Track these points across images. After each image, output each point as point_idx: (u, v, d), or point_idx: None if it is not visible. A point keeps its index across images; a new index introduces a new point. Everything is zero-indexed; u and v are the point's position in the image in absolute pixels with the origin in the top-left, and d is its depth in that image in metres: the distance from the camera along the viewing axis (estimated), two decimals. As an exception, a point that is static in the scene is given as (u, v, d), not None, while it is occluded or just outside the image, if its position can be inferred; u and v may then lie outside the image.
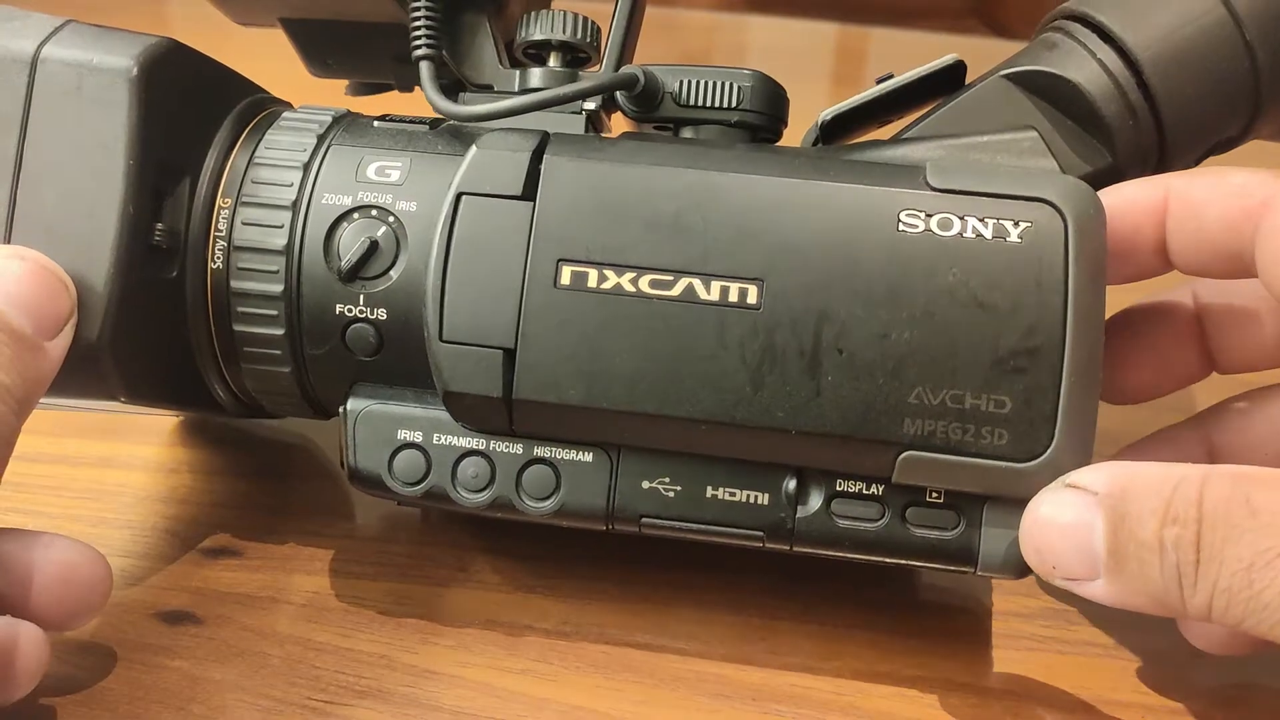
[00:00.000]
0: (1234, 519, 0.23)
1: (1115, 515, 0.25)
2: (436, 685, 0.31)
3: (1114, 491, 0.25)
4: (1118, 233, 0.28)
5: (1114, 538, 0.25)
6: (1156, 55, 0.29)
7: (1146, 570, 0.25)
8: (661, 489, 0.29)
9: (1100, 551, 0.25)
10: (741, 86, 0.31)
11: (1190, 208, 0.28)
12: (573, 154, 0.29)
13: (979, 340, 0.27)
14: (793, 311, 0.27)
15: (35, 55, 0.29)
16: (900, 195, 0.28)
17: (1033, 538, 0.26)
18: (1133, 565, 0.25)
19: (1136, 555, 0.25)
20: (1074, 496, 0.26)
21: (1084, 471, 0.26)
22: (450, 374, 0.29)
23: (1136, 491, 0.25)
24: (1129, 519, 0.25)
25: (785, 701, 0.31)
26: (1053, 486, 0.26)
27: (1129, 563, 0.25)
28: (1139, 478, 0.25)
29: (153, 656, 0.31)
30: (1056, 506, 0.26)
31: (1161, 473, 0.25)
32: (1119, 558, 0.25)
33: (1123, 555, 0.25)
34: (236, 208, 0.31)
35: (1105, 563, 0.25)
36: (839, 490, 0.29)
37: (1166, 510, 0.24)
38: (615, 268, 0.28)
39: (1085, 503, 0.25)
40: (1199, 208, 0.28)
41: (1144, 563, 0.24)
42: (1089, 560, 0.25)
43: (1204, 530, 0.24)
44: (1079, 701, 0.31)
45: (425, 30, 0.31)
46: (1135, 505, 0.25)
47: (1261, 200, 0.27)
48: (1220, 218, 0.28)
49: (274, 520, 0.36)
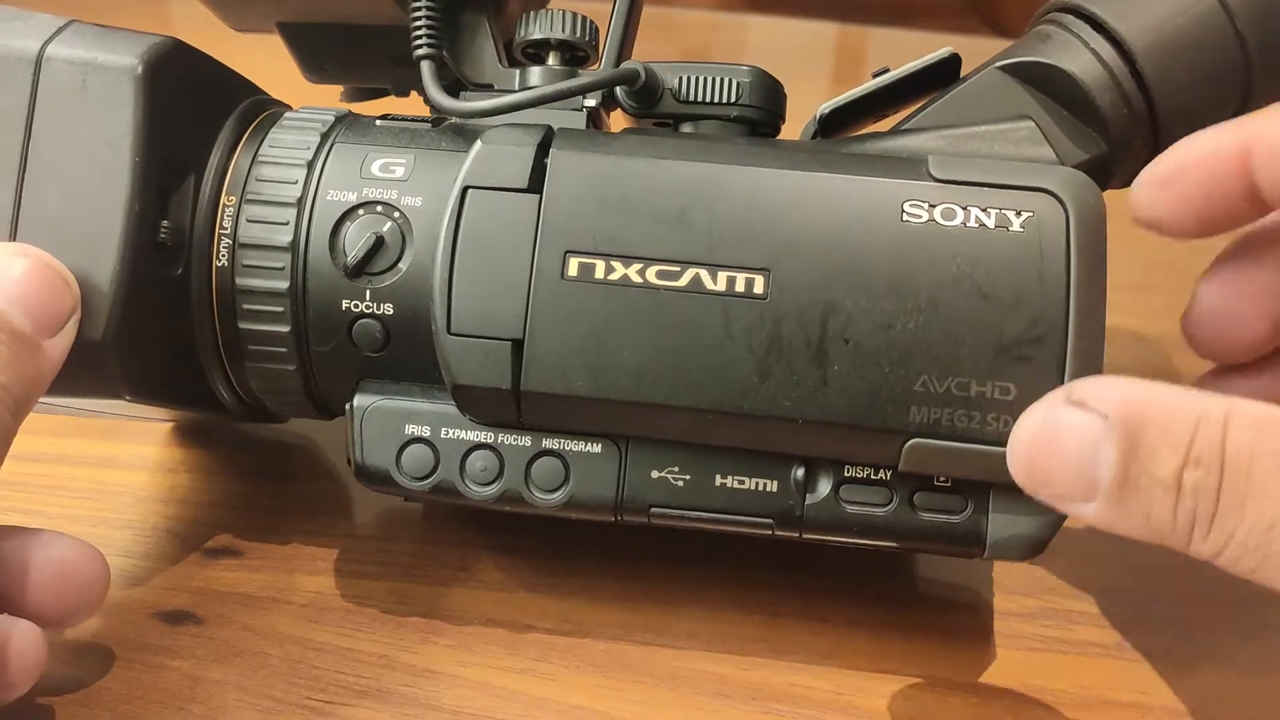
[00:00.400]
0: (1257, 474, 0.22)
1: (1129, 443, 0.23)
2: (436, 685, 0.31)
3: (1128, 417, 0.23)
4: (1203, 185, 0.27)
5: (1125, 468, 0.23)
6: (1149, 45, 0.30)
7: (1156, 508, 0.23)
8: (670, 478, 0.29)
9: (1105, 478, 0.23)
10: (740, 82, 0.31)
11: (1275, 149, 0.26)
12: (578, 147, 0.29)
13: (983, 328, 0.27)
14: (799, 302, 0.27)
15: (40, 54, 0.29)
16: (904, 186, 0.28)
17: (1027, 453, 0.25)
18: (1140, 499, 0.23)
19: (1148, 491, 0.23)
20: (1079, 415, 0.24)
21: (1091, 385, 0.24)
22: (458, 367, 0.29)
23: (1154, 421, 0.23)
24: (1144, 451, 0.23)
25: (785, 701, 0.31)
26: (1055, 398, 0.24)
27: (1137, 496, 0.23)
28: (1156, 405, 0.23)
29: (153, 656, 0.31)
30: (1061, 423, 0.24)
31: (1179, 402, 0.23)
32: (1127, 489, 0.23)
33: (1132, 487, 0.23)
34: (241, 205, 0.31)
35: (1108, 490, 0.23)
36: (847, 476, 0.29)
37: (1189, 450, 0.23)
38: (622, 259, 0.28)
39: (1093, 424, 0.23)
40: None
41: (1155, 500, 0.23)
42: (1087, 484, 0.24)
43: (1226, 479, 0.22)
44: (1079, 701, 0.31)
45: (426, 30, 0.31)
46: (1152, 437, 0.23)
47: None
48: None
49: (274, 520, 0.36)
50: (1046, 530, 0.28)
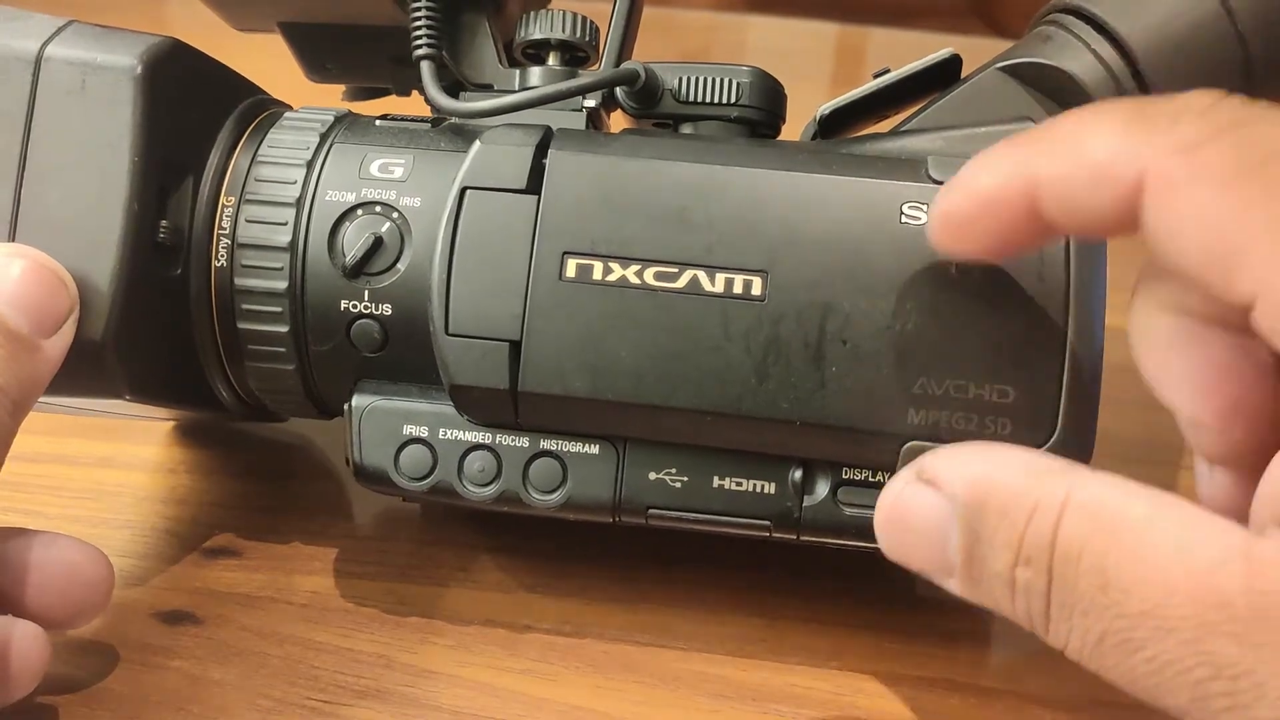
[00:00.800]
0: (1083, 588, 0.20)
1: (970, 531, 0.22)
2: (436, 685, 0.31)
3: (970, 502, 0.22)
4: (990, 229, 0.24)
5: (968, 556, 0.22)
6: (1150, 46, 0.30)
7: (999, 600, 0.22)
8: (668, 480, 0.29)
9: (955, 560, 0.23)
10: (740, 82, 0.31)
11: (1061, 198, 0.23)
12: (577, 148, 0.29)
13: (982, 331, 0.27)
14: (797, 303, 0.27)
15: (39, 55, 0.29)
16: (903, 188, 0.28)
17: (886, 531, 0.24)
18: (986, 589, 0.22)
19: (989, 582, 0.22)
20: (928, 495, 0.23)
21: (940, 462, 0.23)
22: (456, 367, 0.29)
23: (993, 507, 0.22)
24: (983, 541, 0.22)
25: (785, 701, 0.31)
26: (907, 475, 0.24)
27: (982, 584, 0.22)
28: (997, 489, 0.22)
29: (153, 656, 0.31)
30: (911, 502, 0.23)
31: (1020, 487, 0.22)
32: (973, 576, 0.23)
33: (976, 576, 0.22)
34: (240, 205, 0.31)
35: (959, 573, 0.23)
36: (845, 478, 0.29)
37: (1020, 546, 0.21)
38: (620, 260, 0.28)
39: (940, 506, 0.23)
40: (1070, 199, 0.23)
41: (996, 592, 0.22)
42: (943, 561, 0.23)
43: (1054, 585, 0.21)
44: (1079, 701, 0.31)
45: (425, 31, 0.31)
46: (989, 526, 0.22)
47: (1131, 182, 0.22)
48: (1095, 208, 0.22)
49: (274, 520, 0.36)
50: None
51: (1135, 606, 0.20)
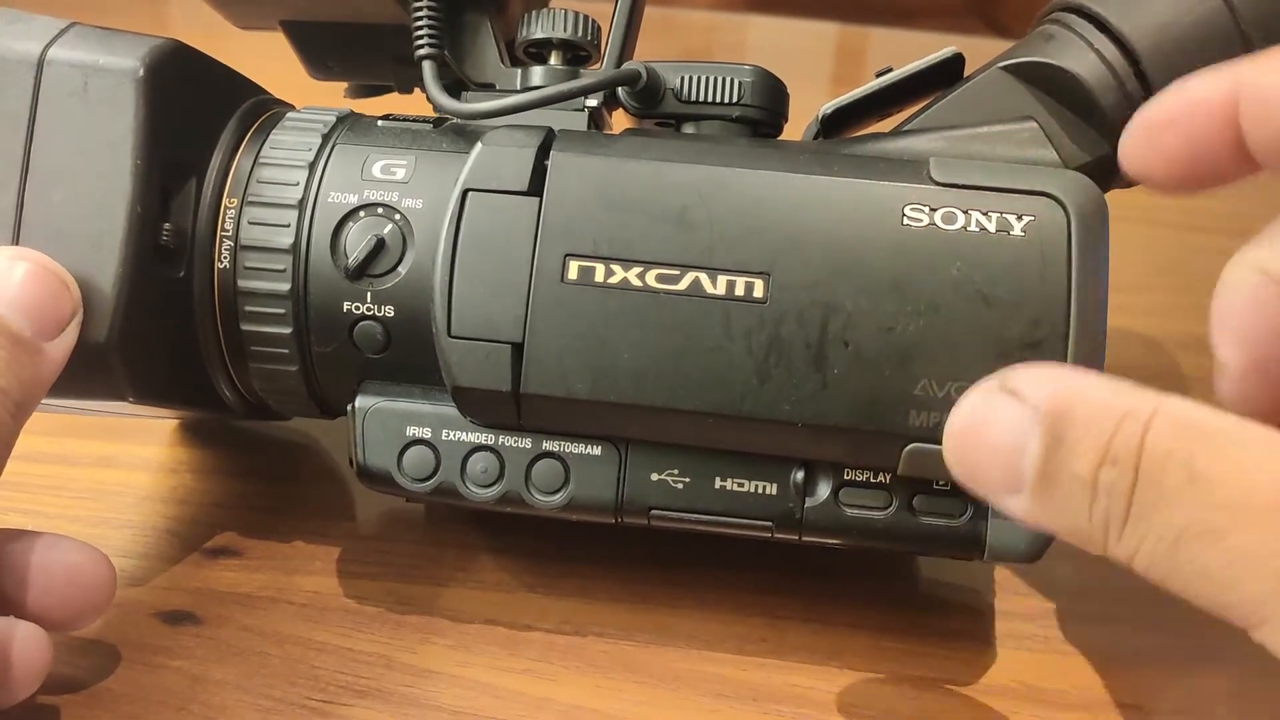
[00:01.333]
0: (1169, 481, 0.21)
1: (1052, 437, 0.22)
2: (436, 685, 0.31)
3: (1054, 410, 0.22)
4: (1188, 135, 0.25)
5: (1047, 462, 0.22)
6: (1153, 45, 0.29)
7: (1074, 504, 0.22)
8: (670, 481, 0.29)
9: (1028, 471, 0.22)
10: (742, 82, 0.31)
11: (1263, 101, 0.24)
12: (579, 149, 0.29)
13: (984, 333, 0.27)
14: (798, 305, 0.27)
15: (41, 57, 0.29)
16: (904, 190, 0.28)
17: (959, 443, 0.24)
18: (1061, 495, 0.22)
19: (1067, 487, 0.22)
20: (1011, 405, 0.23)
21: (1026, 374, 0.23)
22: (459, 369, 0.29)
23: (1079, 416, 0.22)
24: (1066, 445, 0.22)
25: (785, 701, 0.31)
26: (988, 386, 0.23)
27: (1057, 491, 0.22)
28: (1084, 398, 0.22)
29: (153, 656, 0.31)
30: (991, 412, 0.23)
31: (1109, 397, 0.22)
32: (1048, 483, 0.22)
33: (1052, 482, 0.22)
34: (243, 207, 0.31)
35: (1031, 484, 0.23)
36: (847, 479, 0.29)
37: (1107, 447, 0.22)
38: (622, 262, 0.28)
39: (1022, 415, 0.23)
40: (1273, 103, 0.24)
41: (1073, 497, 0.22)
42: (1013, 475, 0.23)
43: (1139, 483, 0.21)
44: (1079, 701, 0.31)
45: (427, 30, 0.31)
46: (1075, 432, 0.22)
47: None
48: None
49: (274, 520, 0.36)
50: (1045, 535, 0.28)
51: (1222, 495, 0.21)
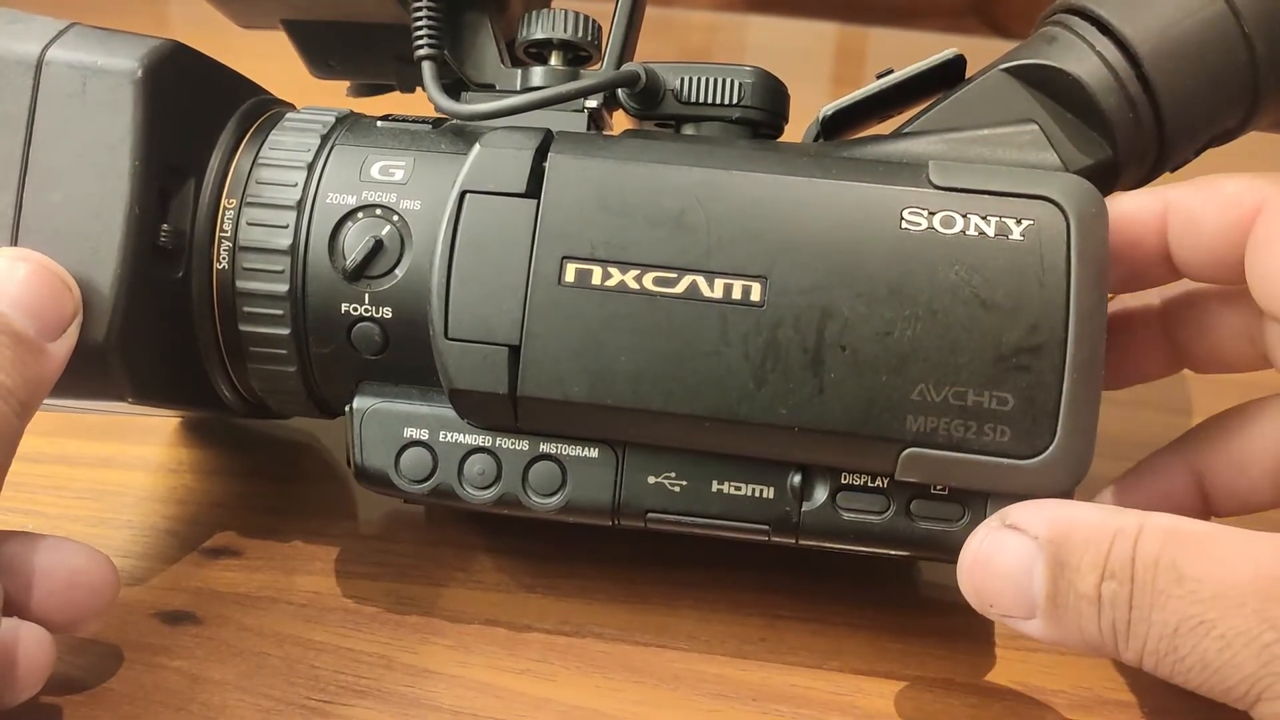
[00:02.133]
0: (1161, 584, 0.24)
1: (1055, 563, 0.25)
2: (436, 685, 0.31)
3: (1055, 538, 0.25)
4: (1122, 243, 0.29)
5: (1053, 585, 0.25)
6: (1155, 48, 0.29)
7: (1084, 620, 0.25)
8: (667, 484, 0.29)
9: (1039, 596, 0.25)
10: (742, 83, 0.31)
11: (1188, 219, 0.28)
12: (576, 151, 0.29)
13: (981, 337, 0.27)
14: (796, 309, 0.27)
15: (40, 58, 0.29)
16: (903, 193, 0.28)
17: (971, 576, 0.27)
18: (1070, 613, 0.25)
19: (1075, 605, 0.25)
20: (1014, 539, 0.26)
21: (1023, 511, 0.26)
22: (456, 371, 0.29)
23: (1077, 540, 0.25)
24: (1069, 568, 0.25)
25: (785, 701, 0.31)
26: (991, 524, 0.26)
27: (1067, 610, 0.25)
28: (1079, 525, 0.25)
29: (153, 656, 0.31)
30: (997, 547, 0.26)
31: (1100, 521, 0.25)
32: (1058, 604, 0.25)
33: (1061, 602, 0.25)
34: (241, 208, 0.31)
35: (1043, 607, 0.25)
36: (844, 483, 0.29)
37: (1105, 564, 0.25)
38: (619, 265, 0.28)
39: (1025, 546, 0.26)
40: (1196, 218, 0.28)
41: (1082, 613, 0.25)
42: (1026, 602, 0.26)
43: (1135, 590, 0.24)
44: (1079, 701, 0.31)
45: (427, 30, 0.31)
46: (1075, 555, 0.25)
47: (1252, 207, 0.27)
48: (1216, 228, 0.28)
49: (274, 520, 0.36)
50: None
51: (1208, 591, 0.24)
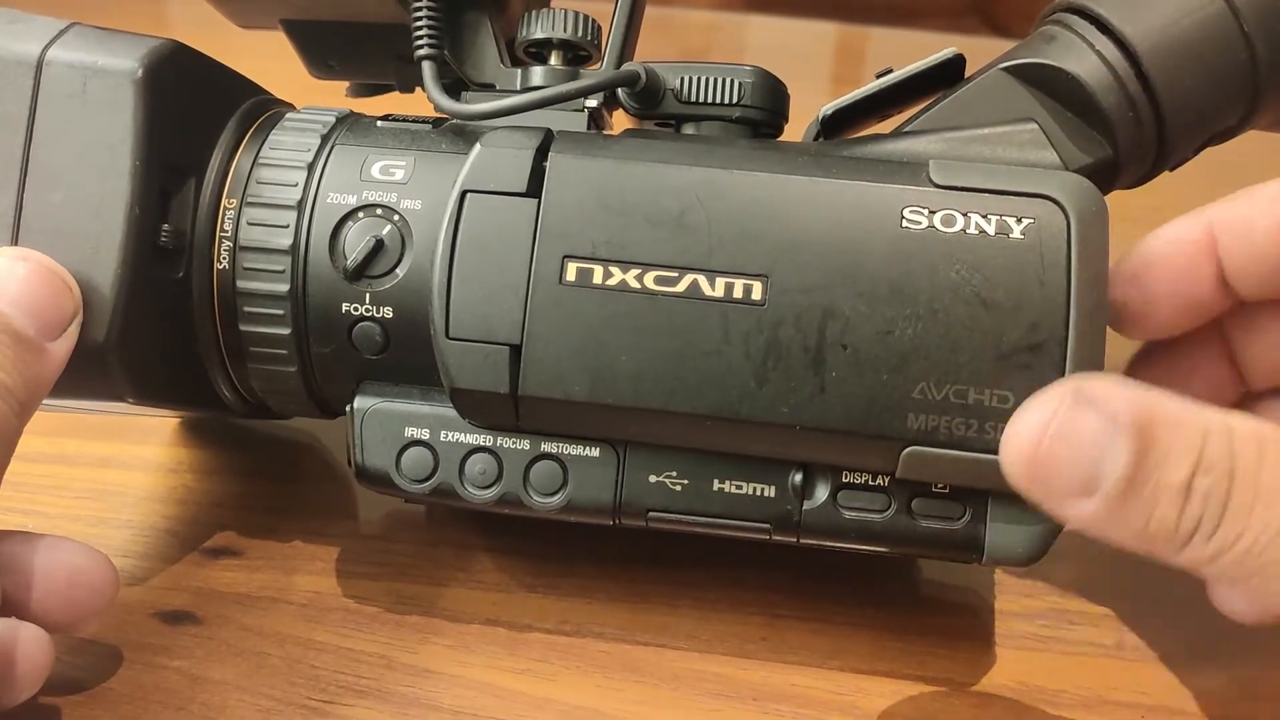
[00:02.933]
0: (1267, 483, 0.23)
1: (1141, 445, 0.23)
2: (436, 685, 0.31)
3: (1139, 420, 0.23)
4: (1174, 273, 0.28)
5: (1135, 469, 0.23)
6: (1155, 47, 0.29)
7: (1160, 510, 0.23)
8: (668, 483, 0.29)
9: (1112, 476, 0.23)
10: (742, 82, 0.31)
11: (1239, 229, 0.27)
12: (577, 151, 0.29)
13: (982, 336, 0.27)
14: (797, 308, 0.27)
15: (40, 58, 0.29)
16: (904, 192, 0.28)
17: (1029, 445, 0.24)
18: (1145, 502, 0.23)
19: (1154, 493, 0.23)
20: (1090, 415, 0.23)
21: (1099, 385, 0.24)
22: (457, 370, 0.29)
23: (1165, 427, 0.23)
24: (1155, 454, 0.23)
25: (785, 701, 0.31)
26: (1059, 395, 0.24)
27: (1142, 498, 0.23)
28: (1164, 411, 0.23)
29: (153, 656, 0.31)
30: (1067, 420, 0.24)
31: (1186, 412, 0.23)
32: (1134, 490, 0.23)
33: (1139, 489, 0.23)
34: (242, 208, 0.31)
35: (1114, 489, 0.23)
36: (845, 482, 0.29)
37: (1200, 456, 0.23)
38: (620, 264, 0.28)
39: (1103, 423, 0.23)
40: (1248, 226, 0.27)
41: (1159, 503, 0.23)
42: (1089, 481, 0.23)
43: (1235, 486, 0.23)
44: (1079, 701, 0.31)
45: (427, 30, 0.31)
46: (1164, 442, 0.23)
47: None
48: (1268, 229, 0.27)
49: (274, 520, 0.36)
50: (1044, 538, 0.28)
51: None
